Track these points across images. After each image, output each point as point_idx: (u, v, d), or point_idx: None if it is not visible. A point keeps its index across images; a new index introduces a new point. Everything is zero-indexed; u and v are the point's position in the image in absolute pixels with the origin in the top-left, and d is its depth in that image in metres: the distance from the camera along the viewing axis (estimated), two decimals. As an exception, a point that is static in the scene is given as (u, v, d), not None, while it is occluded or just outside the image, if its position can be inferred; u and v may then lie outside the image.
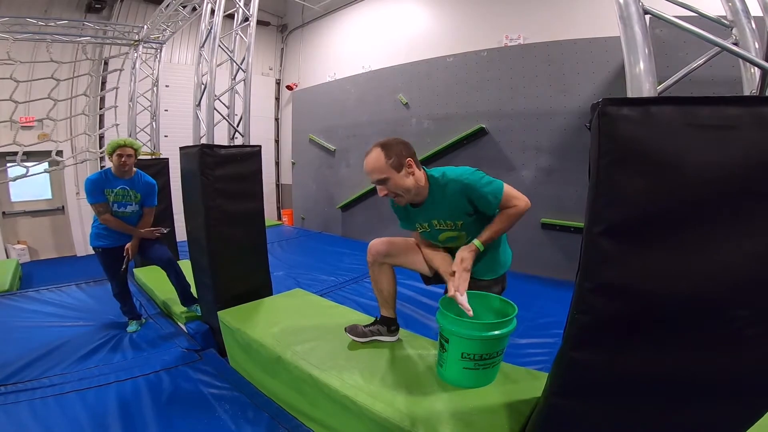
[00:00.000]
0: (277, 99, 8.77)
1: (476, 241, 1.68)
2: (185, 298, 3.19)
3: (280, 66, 8.73)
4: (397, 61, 6.08)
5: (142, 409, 2.13)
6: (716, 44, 0.97)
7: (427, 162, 5.55)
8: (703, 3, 1.04)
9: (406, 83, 5.85)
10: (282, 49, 8.68)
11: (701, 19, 1.13)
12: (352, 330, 2.08)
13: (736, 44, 0.99)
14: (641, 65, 0.99)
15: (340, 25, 7.43)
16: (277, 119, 8.78)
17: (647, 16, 1.01)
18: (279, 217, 8.78)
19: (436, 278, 1.98)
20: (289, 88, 8.34)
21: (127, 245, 3.01)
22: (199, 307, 3.16)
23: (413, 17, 6.18)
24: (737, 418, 1.02)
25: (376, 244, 2.00)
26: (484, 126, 4.96)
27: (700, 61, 1.03)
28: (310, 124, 7.49)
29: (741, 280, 0.91)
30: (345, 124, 6.80)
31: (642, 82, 0.98)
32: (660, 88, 1.00)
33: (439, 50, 5.56)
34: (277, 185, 8.98)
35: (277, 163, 8.88)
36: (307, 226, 7.87)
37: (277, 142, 8.81)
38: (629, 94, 1.01)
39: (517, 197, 1.66)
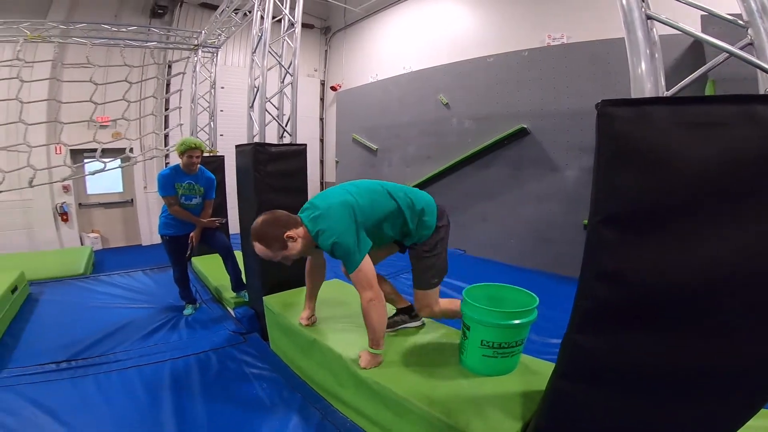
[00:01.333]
0: (322, 99, 9.09)
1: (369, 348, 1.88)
2: (236, 284, 3.47)
3: (325, 67, 9.04)
4: (438, 62, 6.13)
5: (191, 384, 2.38)
6: (721, 48, 0.99)
7: (469, 162, 5.56)
8: (718, 2, 1.04)
9: (447, 83, 5.88)
10: (326, 51, 8.98)
11: (715, 18, 1.13)
12: None
13: (751, 44, 0.98)
14: (642, 66, 1.05)
15: (382, 27, 7.59)
16: (321, 119, 9.11)
17: (650, 21, 1.04)
18: (320, 215, 9.11)
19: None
20: (333, 89, 8.61)
21: (192, 233, 3.35)
22: (247, 293, 3.42)
23: (453, 18, 6.20)
24: (734, 410, 1.02)
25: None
26: (525, 126, 4.90)
27: (714, 61, 1.03)
28: (354, 124, 7.70)
29: (730, 271, 0.94)
30: (387, 124, 6.93)
31: (644, 83, 1.03)
32: (676, 88, 1.03)
33: (480, 50, 5.56)
34: (322, 183, 9.30)
35: (322, 162, 9.20)
36: (349, 223, 8.11)
37: (321, 141, 9.14)
38: (632, 94, 1.07)
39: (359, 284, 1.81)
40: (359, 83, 7.86)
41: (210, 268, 4.18)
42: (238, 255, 3.51)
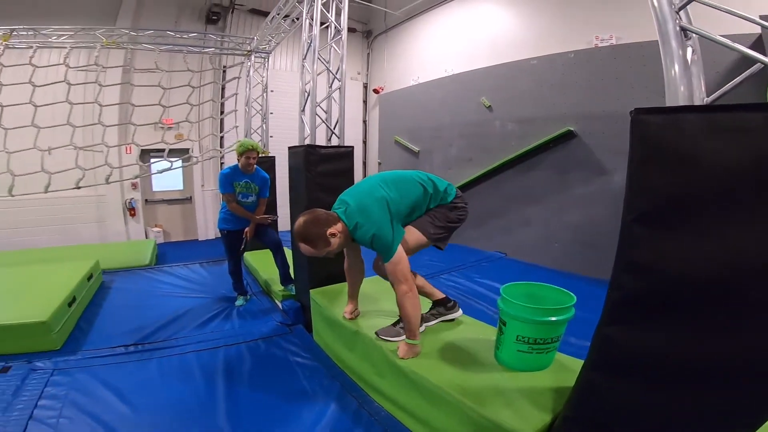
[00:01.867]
0: (365, 102, 9.30)
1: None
2: (284, 278, 3.70)
3: (367, 70, 9.24)
4: (480, 65, 6.11)
5: (242, 368, 2.60)
6: (756, 59, 1.00)
7: (512, 164, 5.51)
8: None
9: (489, 86, 5.86)
10: (368, 54, 9.18)
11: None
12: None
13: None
14: (676, 73, 1.13)
15: (422, 30, 7.64)
16: (364, 121, 9.33)
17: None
18: (363, 215, 9.31)
19: None
20: (375, 91, 8.80)
21: (246, 229, 3.61)
22: (294, 287, 3.63)
23: (494, 20, 6.16)
24: (758, 404, 1.02)
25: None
26: (572, 128, 4.79)
27: (751, 70, 1.05)
28: (396, 126, 7.84)
29: (751, 264, 0.99)
30: (429, 126, 7.00)
31: (677, 89, 1.12)
32: (715, 95, 1.06)
33: (522, 53, 5.49)
34: (364, 184, 9.52)
35: (365, 163, 9.42)
36: (390, 224, 8.24)
37: (364, 143, 9.36)
38: (666, 99, 1.14)
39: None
40: (401, 86, 7.98)
41: (260, 262, 4.46)
42: (288, 251, 3.74)
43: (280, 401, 2.23)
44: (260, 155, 3.77)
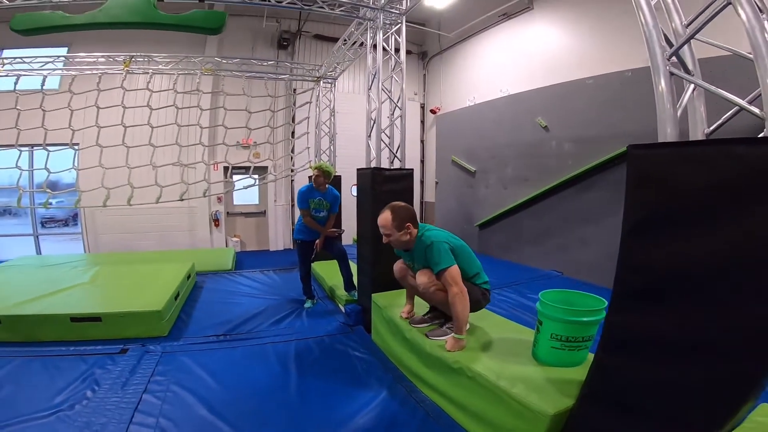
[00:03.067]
0: (422, 122, 9.67)
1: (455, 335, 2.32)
2: (348, 284, 4.16)
3: (424, 91, 9.61)
4: (535, 84, 6.24)
5: (309, 358, 3.04)
6: (730, 101, 1.33)
7: (569, 184, 5.56)
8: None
9: (545, 106, 5.97)
10: (424, 75, 9.56)
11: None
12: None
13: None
14: (666, 111, 1.49)
15: (476, 50, 7.90)
16: (422, 141, 9.70)
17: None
18: (420, 231, 9.59)
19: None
20: (432, 111, 9.11)
21: (317, 240, 4.12)
22: (356, 293, 4.06)
23: (548, 40, 6.27)
24: (738, 376, 1.26)
25: (396, 267, 2.84)
26: (630, 148, 4.77)
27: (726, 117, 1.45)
28: (452, 146, 8.11)
29: (718, 261, 1.29)
30: (485, 146, 7.21)
31: (666, 126, 1.49)
32: (710, 129, 1.49)
33: (577, 72, 5.55)
34: (422, 202, 9.84)
35: (422, 182, 9.76)
36: (446, 240, 8.45)
37: (422, 162, 9.72)
38: (659, 133, 1.52)
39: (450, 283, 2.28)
40: (457, 106, 8.27)
41: (326, 271, 4.96)
42: (352, 263, 4.19)
43: (340, 385, 2.61)
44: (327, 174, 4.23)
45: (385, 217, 2.43)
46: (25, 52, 5.88)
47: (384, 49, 3.99)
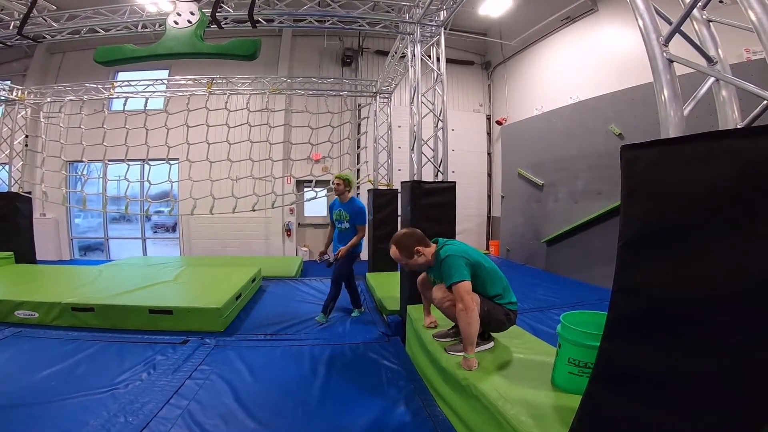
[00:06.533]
0: (489, 134, 9.36)
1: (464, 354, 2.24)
2: (353, 302, 4.36)
3: (489, 101, 9.32)
4: (607, 89, 5.77)
5: (340, 363, 3.13)
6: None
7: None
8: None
9: (618, 112, 5.48)
10: (489, 85, 9.29)
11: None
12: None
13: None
14: (667, 108, 1.31)
15: (542, 57, 7.52)
16: (489, 153, 9.39)
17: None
18: (487, 247, 9.29)
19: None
20: (498, 123, 8.80)
21: (348, 251, 4.08)
22: (359, 312, 4.31)
23: (618, 40, 5.78)
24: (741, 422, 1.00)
25: (419, 279, 2.80)
26: (719, 155, 4.16)
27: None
28: (519, 158, 7.78)
29: (725, 290, 1.04)
30: (553, 158, 6.80)
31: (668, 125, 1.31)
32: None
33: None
34: (489, 217, 9.52)
35: (489, 197, 9.45)
36: (512, 257, 8.07)
37: (489, 175, 9.41)
38: (660, 125, 1.34)
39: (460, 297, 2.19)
40: (524, 116, 7.93)
41: (378, 283, 5.06)
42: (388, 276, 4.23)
43: (360, 390, 2.67)
44: (382, 187, 4.31)
45: (393, 253, 2.48)
46: (134, 75, 7.04)
47: (424, 61, 4.04)
